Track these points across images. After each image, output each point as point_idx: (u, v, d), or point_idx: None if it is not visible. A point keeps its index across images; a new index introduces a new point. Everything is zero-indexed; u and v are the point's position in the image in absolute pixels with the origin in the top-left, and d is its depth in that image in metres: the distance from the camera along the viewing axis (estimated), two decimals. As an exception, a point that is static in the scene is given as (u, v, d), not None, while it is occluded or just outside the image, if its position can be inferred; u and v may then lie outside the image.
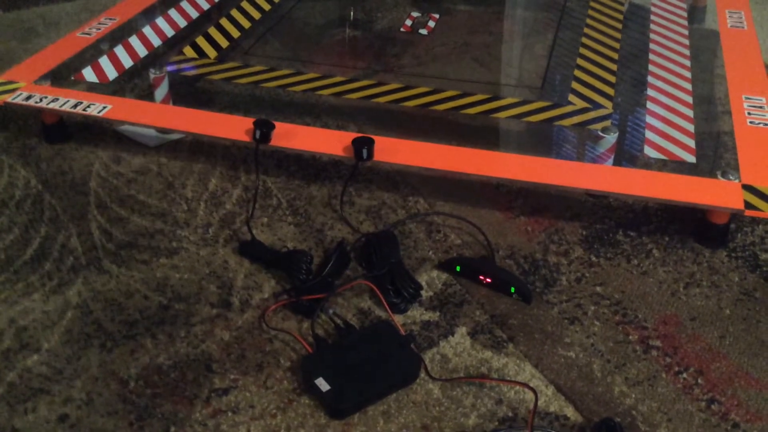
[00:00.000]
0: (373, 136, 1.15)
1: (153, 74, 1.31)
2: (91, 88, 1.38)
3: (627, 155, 1.27)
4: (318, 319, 0.96)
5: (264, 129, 1.18)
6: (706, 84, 1.47)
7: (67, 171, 1.25)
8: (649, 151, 1.17)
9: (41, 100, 1.27)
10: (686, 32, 1.52)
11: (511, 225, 1.13)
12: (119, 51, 1.43)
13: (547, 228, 1.13)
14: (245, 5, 1.63)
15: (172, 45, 1.54)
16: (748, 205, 1.04)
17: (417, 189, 1.21)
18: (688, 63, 1.41)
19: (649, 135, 1.20)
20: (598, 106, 1.26)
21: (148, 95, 1.38)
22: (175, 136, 1.32)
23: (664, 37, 1.51)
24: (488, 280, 1.02)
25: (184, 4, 1.62)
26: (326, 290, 0.99)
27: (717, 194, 1.06)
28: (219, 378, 0.89)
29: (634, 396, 0.87)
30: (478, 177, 1.17)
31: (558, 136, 1.35)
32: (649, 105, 1.28)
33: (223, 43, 1.48)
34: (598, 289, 1.02)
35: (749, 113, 1.23)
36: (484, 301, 1.00)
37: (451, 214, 1.15)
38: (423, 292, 1.01)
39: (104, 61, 1.40)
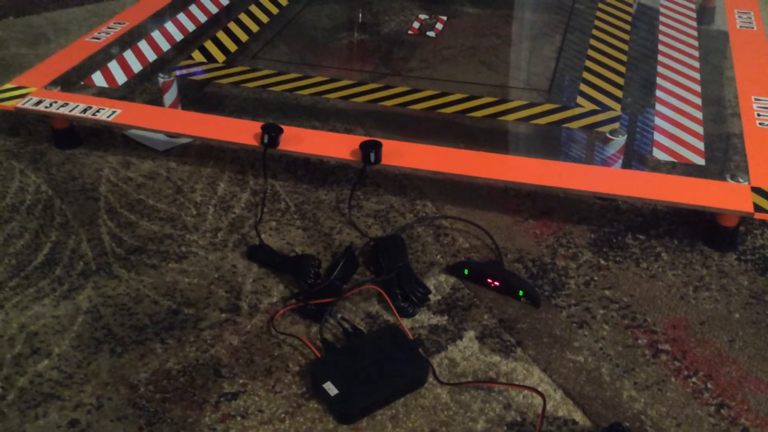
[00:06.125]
0: (380, 140, 1.15)
1: (162, 79, 1.32)
2: (101, 92, 1.39)
3: (636, 158, 1.27)
4: (326, 323, 0.97)
5: (272, 133, 1.18)
6: (715, 85, 1.47)
7: (77, 176, 1.25)
8: (658, 154, 1.16)
9: (51, 104, 1.28)
10: (695, 33, 1.52)
11: (519, 228, 1.13)
12: (128, 55, 1.44)
13: (556, 231, 1.13)
14: (253, 9, 1.64)
15: (181, 49, 1.55)
16: (758, 208, 1.04)
17: (425, 192, 1.21)
18: (697, 64, 1.40)
19: (658, 137, 1.20)
20: (606, 108, 1.26)
21: (157, 100, 1.39)
22: (183, 141, 1.33)
23: (673, 38, 1.50)
24: (496, 283, 1.02)
25: (193, 9, 1.62)
26: (334, 294, 0.99)
27: (726, 197, 1.06)
28: (228, 383, 0.90)
29: (643, 400, 0.87)
30: (486, 180, 1.17)
31: (566, 139, 1.35)
32: (658, 107, 1.27)
33: (232, 47, 1.48)
34: (607, 292, 1.02)
35: (759, 114, 1.23)
36: (493, 305, 1.00)
37: (459, 218, 1.15)
38: (431, 296, 1.01)
39: (113, 66, 1.40)
